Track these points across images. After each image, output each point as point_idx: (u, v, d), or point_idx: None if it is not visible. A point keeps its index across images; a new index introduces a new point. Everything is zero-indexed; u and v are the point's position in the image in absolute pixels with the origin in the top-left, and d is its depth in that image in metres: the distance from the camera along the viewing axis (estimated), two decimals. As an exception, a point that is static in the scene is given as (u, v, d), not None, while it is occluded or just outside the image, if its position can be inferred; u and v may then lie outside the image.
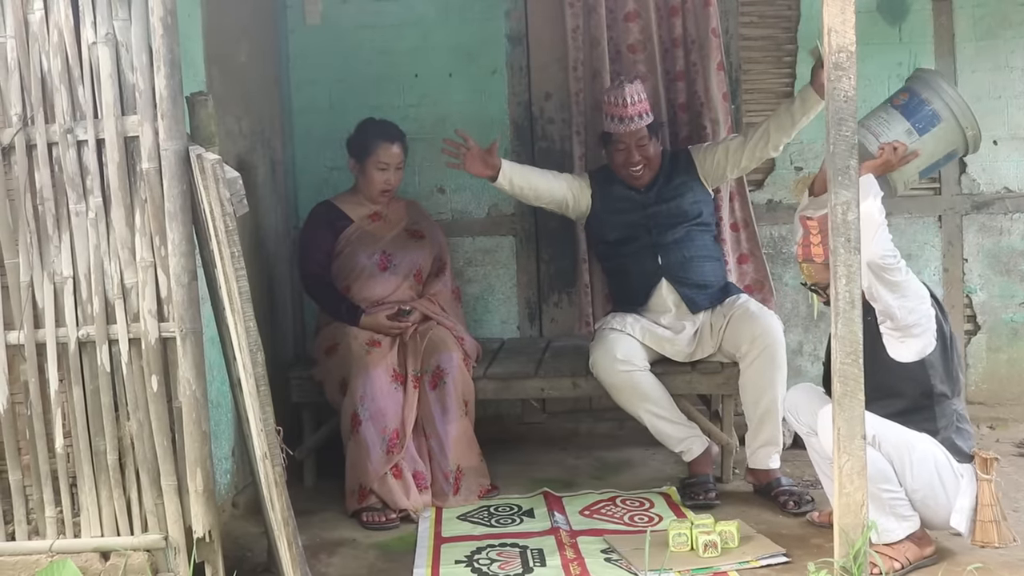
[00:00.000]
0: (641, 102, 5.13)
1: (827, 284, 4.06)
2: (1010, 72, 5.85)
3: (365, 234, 5.25)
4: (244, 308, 3.29)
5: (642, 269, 5.12)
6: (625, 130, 5.11)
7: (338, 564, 4.36)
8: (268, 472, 3.40)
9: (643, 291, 5.13)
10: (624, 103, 5.08)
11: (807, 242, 4.14)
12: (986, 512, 3.94)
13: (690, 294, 5.09)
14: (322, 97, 5.97)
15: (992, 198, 5.89)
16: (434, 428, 4.96)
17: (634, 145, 5.12)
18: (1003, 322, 5.92)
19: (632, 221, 5.16)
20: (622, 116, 5.09)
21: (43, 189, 3.65)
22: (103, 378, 3.66)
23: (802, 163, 5.94)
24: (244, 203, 3.34)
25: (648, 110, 5.17)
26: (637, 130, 5.11)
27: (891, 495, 3.92)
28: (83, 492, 3.70)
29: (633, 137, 5.12)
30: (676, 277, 5.09)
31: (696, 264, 5.11)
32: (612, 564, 4.17)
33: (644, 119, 5.12)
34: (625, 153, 5.14)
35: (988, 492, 3.94)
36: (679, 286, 5.09)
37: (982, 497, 3.95)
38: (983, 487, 3.95)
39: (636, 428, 5.33)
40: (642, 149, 5.14)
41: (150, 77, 3.57)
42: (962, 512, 3.97)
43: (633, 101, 5.10)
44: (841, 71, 3.51)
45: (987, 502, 3.94)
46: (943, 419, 4.02)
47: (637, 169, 5.14)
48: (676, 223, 5.12)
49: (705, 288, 5.10)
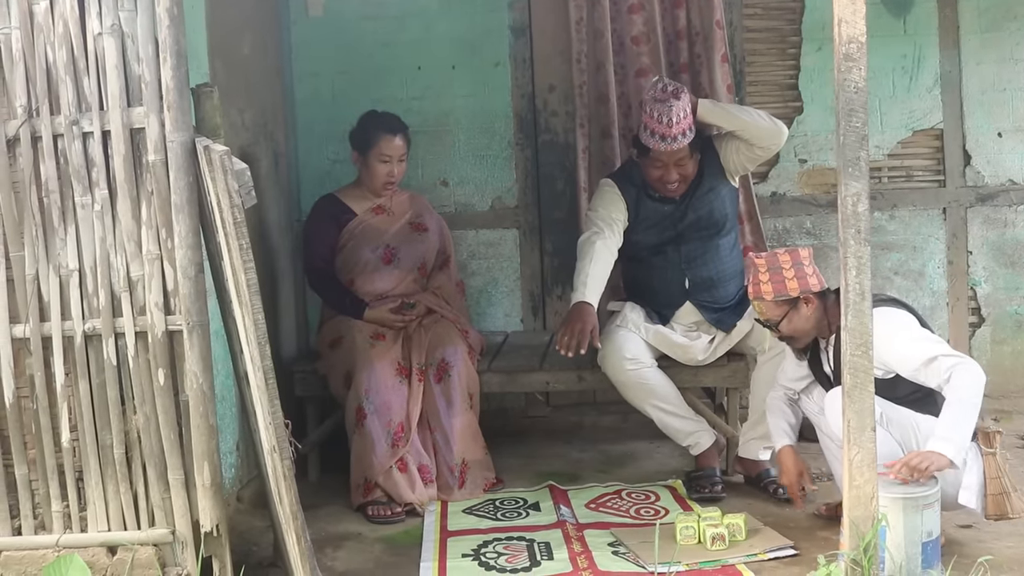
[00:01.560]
0: (687, 118, 4.76)
1: (778, 320, 4.17)
2: (1015, 64, 5.85)
3: (369, 227, 5.23)
4: (252, 301, 3.27)
5: (668, 288, 5.01)
6: (667, 149, 4.78)
7: (344, 558, 4.35)
8: (276, 466, 3.39)
9: (667, 309, 5.03)
10: (669, 122, 4.73)
11: (756, 280, 4.17)
12: (994, 484, 3.93)
13: (715, 316, 5.02)
14: (325, 89, 5.95)
15: (997, 190, 5.89)
16: (439, 421, 4.94)
17: (673, 164, 4.86)
18: (1008, 314, 5.92)
19: (661, 234, 4.99)
20: (664, 135, 4.76)
21: (48, 181, 3.62)
22: (109, 371, 3.64)
23: (806, 155, 5.93)
24: (252, 195, 3.32)
25: (692, 125, 4.80)
26: (679, 149, 4.80)
27: None
28: (89, 486, 3.68)
29: (673, 156, 4.82)
30: (702, 301, 5.00)
31: (722, 285, 5.00)
32: (620, 557, 4.16)
33: (687, 137, 4.78)
34: (662, 170, 4.87)
35: (994, 465, 3.94)
36: (703, 309, 5.02)
37: (988, 471, 3.94)
38: (988, 461, 3.94)
39: (640, 421, 5.32)
40: (681, 168, 4.87)
41: (156, 68, 3.54)
42: (970, 489, 3.95)
43: (679, 119, 4.73)
44: (852, 62, 3.49)
45: (994, 475, 3.93)
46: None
47: (673, 185, 4.92)
48: (705, 236, 4.96)
49: (727, 307, 5.03)
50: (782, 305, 4.16)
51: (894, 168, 5.91)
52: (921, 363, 3.90)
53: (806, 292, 4.14)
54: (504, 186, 6.01)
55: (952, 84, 5.86)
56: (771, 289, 4.14)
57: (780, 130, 4.92)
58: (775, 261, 4.17)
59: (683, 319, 5.05)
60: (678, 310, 5.04)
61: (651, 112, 4.80)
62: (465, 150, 6.00)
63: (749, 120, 4.91)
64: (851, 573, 3.55)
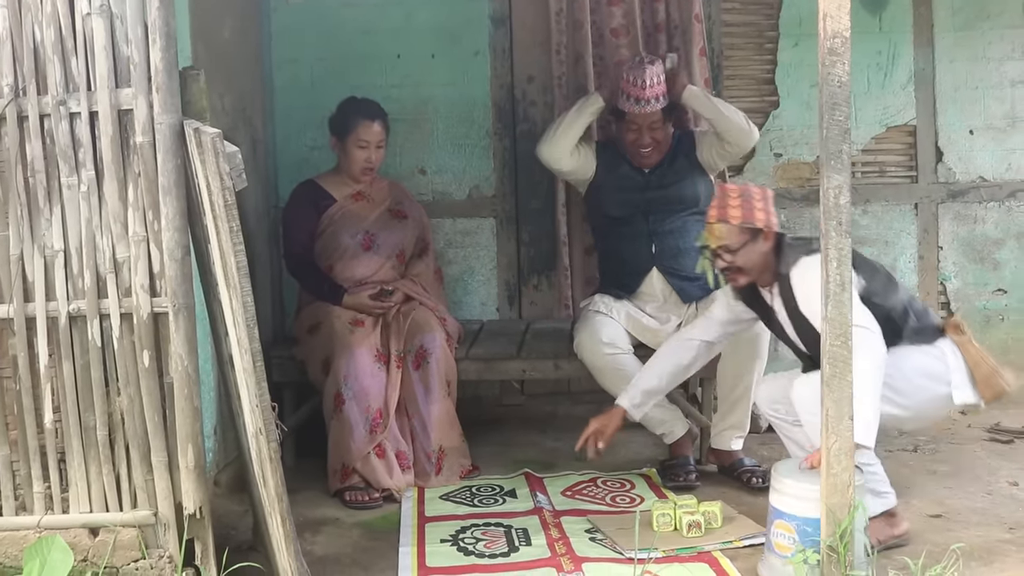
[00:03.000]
0: (660, 84, 5.05)
1: (736, 247, 4.17)
2: (987, 63, 5.94)
3: (348, 213, 5.24)
4: (242, 283, 3.28)
5: (636, 256, 5.13)
6: (640, 111, 5.06)
7: (323, 542, 4.37)
8: (262, 448, 3.40)
9: (634, 278, 5.14)
10: (643, 84, 5.01)
11: (724, 204, 4.20)
12: (981, 368, 3.99)
13: (681, 284, 5.11)
14: (304, 76, 5.95)
15: (967, 187, 5.98)
16: (417, 408, 4.96)
17: (646, 127, 5.09)
18: (976, 309, 6.01)
19: (630, 201, 5.14)
20: (639, 97, 5.04)
21: (34, 161, 3.60)
22: (94, 353, 3.63)
23: (781, 150, 6.00)
24: (243, 177, 3.33)
25: (665, 92, 5.09)
26: (652, 112, 5.06)
27: (868, 469, 3.97)
28: (72, 468, 3.67)
29: (647, 119, 5.07)
30: (668, 268, 5.11)
31: (688, 256, 5.08)
32: (597, 543, 4.20)
33: (660, 102, 5.06)
34: (636, 133, 5.11)
35: (972, 350, 4.01)
36: (670, 277, 5.11)
37: (969, 358, 4.00)
38: (966, 348, 3.99)
39: (615, 411, 5.36)
40: (654, 132, 5.10)
41: (145, 50, 3.53)
42: (961, 386, 4.03)
43: (652, 83, 5.02)
44: (835, 56, 3.53)
45: (976, 359, 4.00)
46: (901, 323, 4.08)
47: (646, 150, 5.13)
48: (674, 211, 5.11)
49: (696, 280, 5.11)
50: (744, 232, 4.18)
51: (868, 163, 5.99)
52: None
53: (769, 227, 4.18)
54: (482, 175, 6.03)
55: (926, 81, 5.94)
56: (739, 214, 4.15)
57: (751, 132, 5.15)
58: (747, 191, 4.22)
59: (650, 288, 5.11)
60: (645, 277, 5.11)
61: (627, 77, 5.09)
62: (443, 139, 6.02)
63: (725, 113, 5.11)
64: (827, 559, 3.60)
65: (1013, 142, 5.96)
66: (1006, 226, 5.98)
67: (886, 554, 3.96)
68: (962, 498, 4.62)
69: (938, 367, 4.07)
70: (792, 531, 3.74)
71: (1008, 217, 5.98)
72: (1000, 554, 4.00)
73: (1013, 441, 5.34)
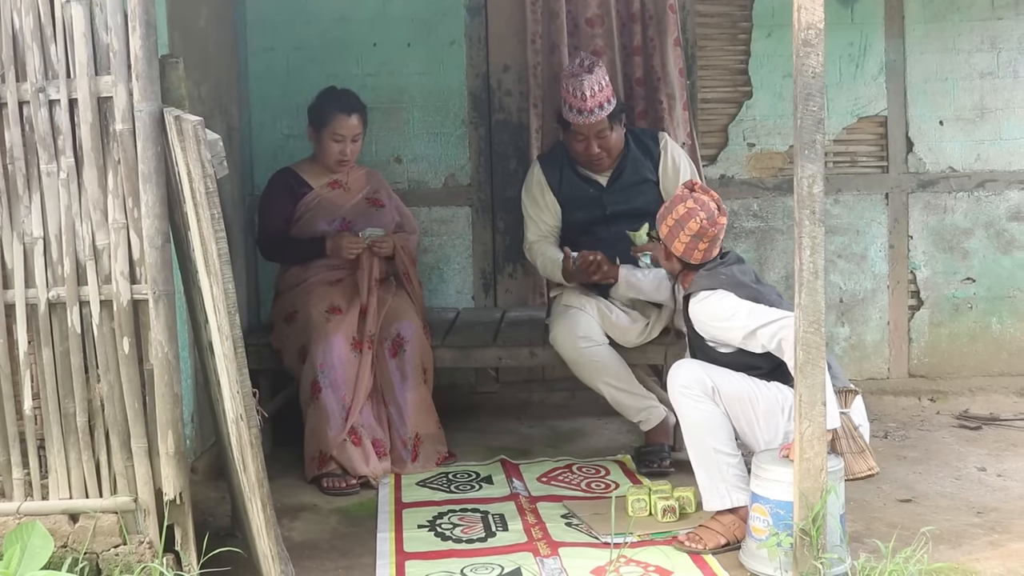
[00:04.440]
0: (601, 91, 4.91)
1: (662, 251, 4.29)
2: (956, 55, 6.00)
3: (325, 201, 5.25)
4: (223, 270, 3.30)
5: None
6: (584, 122, 4.93)
7: (301, 528, 4.40)
8: (243, 434, 3.42)
9: (603, 286, 5.05)
10: (583, 96, 4.88)
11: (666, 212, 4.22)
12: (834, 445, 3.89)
13: None
14: (279, 64, 5.95)
15: (937, 177, 6.04)
16: (393, 395, 4.99)
17: (593, 136, 4.98)
18: (945, 298, 6.09)
19: (590, 215, 5.08)
20: (580, 108, 4.91)
21: (13, 148, 3.61)
22: (73, 340, 3.64)
23: (754, 139, 6.04)
24: (224, 165, 3.34)
25: (610, 97, 4.95)
26: (597, 122, 4.93)
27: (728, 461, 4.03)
28: (51, 454, 3.68)
29: (592, 129, 4.95)
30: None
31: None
32: (573, 528, 4.25)
33: (604, 109, 4.92)
34: (584, 143, 5.00)
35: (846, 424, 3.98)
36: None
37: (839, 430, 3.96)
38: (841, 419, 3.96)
39: (588, 398, 5.42)
40: (602, 139, 4.99)
41: (125, 37, 3.54)
42: None
43: (593, 93, 4.88)
44: (809, 47, 3.58)
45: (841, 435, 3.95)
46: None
47: (597, 159, 5.04)
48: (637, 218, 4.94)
49: None
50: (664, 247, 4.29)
51: (839, 153, 6.05)
52: (743, 337, 4.02)
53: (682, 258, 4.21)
54: (457, 164, 6.05)
55: (896, 73, 6.00)
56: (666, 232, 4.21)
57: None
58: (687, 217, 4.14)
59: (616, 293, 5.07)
60: (611, 287, 5.05)
61: (567, 87, 4.97)
62: (419, 127, 6.03)
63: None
64: (800, 543, 3.66)
65: (982, 133, 6.03)
66: (975, 216, 6.05)
67: (857, 537, 4.04)
68: (931, 483, 4.70)
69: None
70: (767, 514, 3.80)
71: (977, 207, 6.05)
72: (969, 537, 4.08)
73: (981, 428, 5.43)
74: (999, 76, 6.01)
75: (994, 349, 6.09)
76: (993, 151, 6.05)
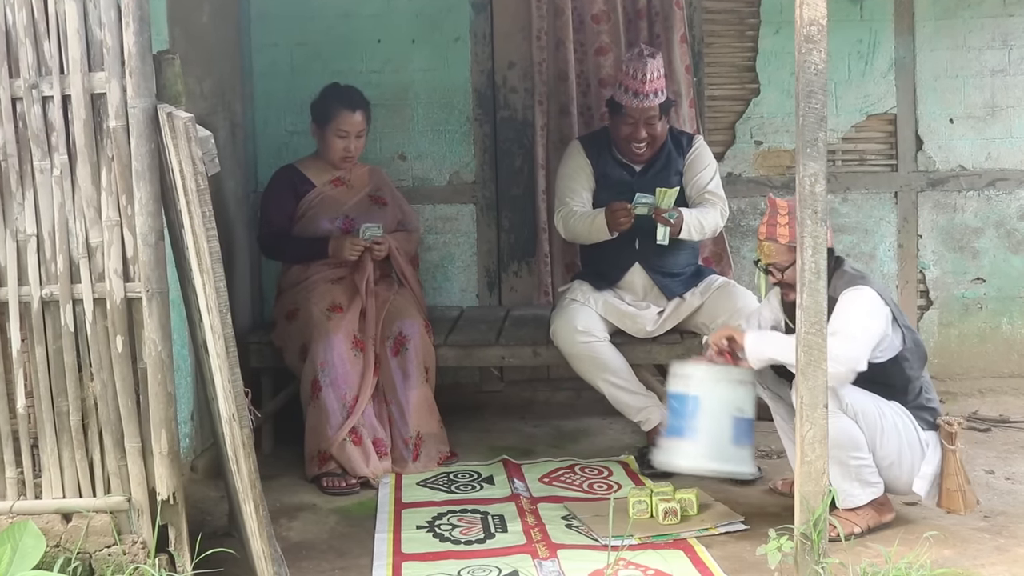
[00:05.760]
0: (659, 79, 4.98)
1: (785, 266, 4.13)
2: (967, 52, 5.94)
3: (327, 198, 5.22)
4: (215, 269, 3.26)
5: (618, 250, 5.06)
6: (638, 105, 4.97)
7: (299, 528, 4.37)
8: (235, 434, 3.38)
9: (616, 271, 5.10)
10: (643, 78, 4.93)
11: (773, 221, 4.17)
12: (951, 481, 4.05)
13: (664, 281, 5.10)
14: (283, 60, 5.92)
15: (947, 176, 5.98)
16: (395, 394, 4.96)
17: (643, 121, 5.01)
18: (955, 298, 6.02)
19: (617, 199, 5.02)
20: (637, 91, 4.95)
21: (6, 145, 3.58)
22: (67, 338, 3.62)
23: (762, 137, 5.99)
24: (216, 162, 3.31)
25: (664, 87, 5.02)
26: (649, 107, 4.97)
27: (860, 462, 4.02)
28: (45, 453, 3.66)
29: (644, 113, 4.99)
30: (651, 264, 5.08)
31: (672, 253, 5.07)
32: (573, 530, 4.21)
33: (659, 96, 4.99)
34: (632, 127, 5.03)
35: (953, 462, 4.04)
36: (652, 272, 5.09)
37: (947, 467, 4.05)
38: (948, 457, 4.05)
39: (593, 397, 5.37)
40: (650, 127, 5.03)
41: (118, 33, 3.51)
42: (925, 479, 4.07)
43: (652, 77, 4.94)
44: (812, 44, 3.53)
45: (951, 471, 4.04)
46: (911, 393, 4.12)
47: (640, 145, 5.06)
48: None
49: (678, 276, 5.12)
50: (792, 251, 4.08)
51: (848, 151, 5.98)
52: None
53: None
54: (462, 161, 6.01)
55: (906, 70, 5.93)
56: (787, 233, 4.10)
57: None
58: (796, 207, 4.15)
59: (631, 282, 5.10)
60: (627, 272, 5.09)
61: (627, 69, 5.02)
62: (424, 124, 5.99)
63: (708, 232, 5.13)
64: (801, 547, 3.61)
65: (993, 131, 5.96)
66: (985, 215, 5.98)
67: (860, 541, 3.99)
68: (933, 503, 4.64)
69: (916, 451, 4.10)
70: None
71: (987, 206, 5.98)
72: (974, 542, 4.02)
73: (990, 430, 5.36)
74: (1010, 73, 5.93)
75: (1004, 350, 6.02)
76: (1004, 149, 5.98)
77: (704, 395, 4.07)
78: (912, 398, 4.12)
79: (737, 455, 4.12)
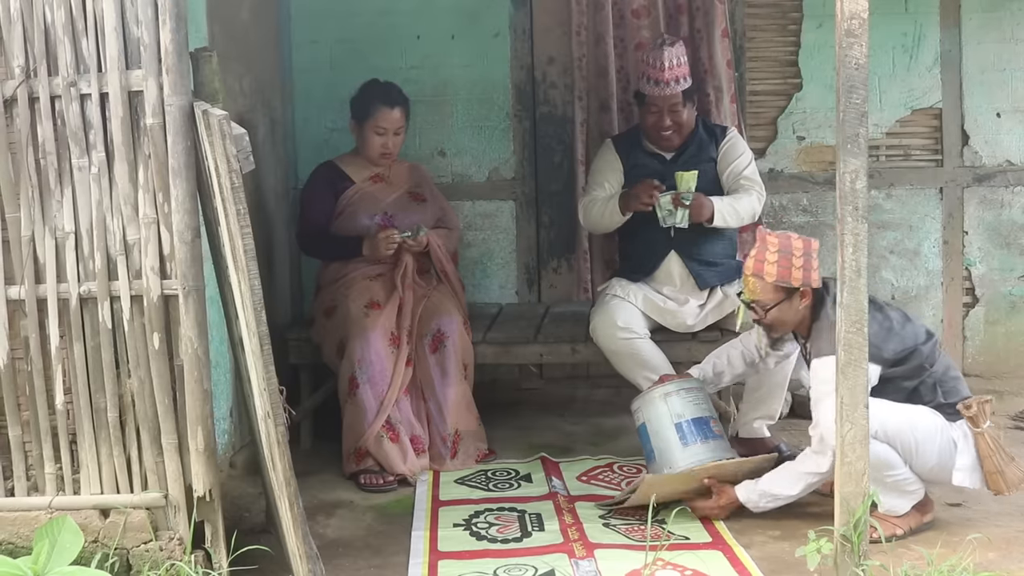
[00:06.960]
0: (680, 66, 5.01)
1: (770, 305, 4.10)
2: (1015, 45, 5.84)
3: (366, 195, 5.22)
4: (249, 266, 3.27)
5: (653, 239, 5.06)
6: (660, 94, 5.02)
7: (336, 525, 4.37)
8: (270, 432, 3.39)
9: (651, 261, 5.10)
10: (661, 66, 4.98)
11: (762, 257, 4.09)
12: (988, 463, 3.97)
13: (699, 270, 5.08)
14: (323, 57, 5.93)
15: (994, 171, 5.89)
16: (433, 392, 4.95)
17: (667, 109, 5.05)
18: (1002, 295, 5.94)
19: None
20: (658, 79, 5.00)
21: (45, 143, 3.60)
22: (104, 335, 3.63)
23: (804, 132, 5.94)
24: (250, 160, 3.31)
25: (687, 74, 5.05)
26: (672, 95, 5.02)
27: (896, 477, 3.98)
28: (83, 449, 3.68)
29: (667, 101, 5.03)
30: (686, 252, 5.07)
31: (708, 241, 5.06)
32: (611, 529, 4.18)
33: (681, 84, 5.02)
34: (657, 116, 5.07)
35: (984, 444, 3.96)
36: (688, 260, 5.07)
37: (981, 450, 3.97)
38: (979, 440, 3.96)
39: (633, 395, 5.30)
40: (675, 114, 5.07)
41: (155, 31, 3.51)
42: (964, 471, 4.00)
43: (671, 65, 4.98)
44: (853, 38, 3.48)
45: (986, 453, 3.96)
46: (927, 395, 4.06)
47: (667, 132, 5.09)
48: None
49: (714, 265, 5.09)
50: (779, 291, 4.08)
51: (892, 147, 5.91)
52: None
53: (807, 285, 4.07)
54: (501, 157, 6.00)
55: (952, 63, 5.85)
56: (775, 272, 4.04)
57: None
58: (787, 244, 4.06)
59: (667, 271, 5.08)
60: (662, 260, 5.08)
61: (646, 59, 5.10)
62: (463, 120, 5.99)
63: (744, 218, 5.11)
64: (840, 548, 3.56)
65: (1041, 126, 5.87)
66: (1033, 211, 5.90)
67: (903, 543, 3.94)
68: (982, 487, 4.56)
69: (950, 449, 4.02)
70: None
71: (1035, 202, 5.90)
72: (1019, 544, 3.95)
73: (1037, 429, 5.28)
74: (1059, 67, 5.84)
75: (1052, 349, 5.93)
76: (1052, 144, 5.88)
77: (648, 419, 4.45)
78: (928, 400, 4.04)
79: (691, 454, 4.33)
